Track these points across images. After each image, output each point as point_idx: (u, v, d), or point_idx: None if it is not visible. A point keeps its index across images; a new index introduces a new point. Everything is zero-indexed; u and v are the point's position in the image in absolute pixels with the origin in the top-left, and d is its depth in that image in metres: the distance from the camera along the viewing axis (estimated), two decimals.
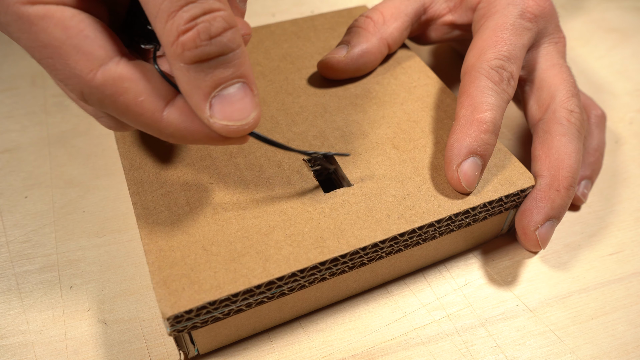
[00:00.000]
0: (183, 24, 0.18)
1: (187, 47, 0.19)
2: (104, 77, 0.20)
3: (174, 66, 0.19)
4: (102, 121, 0.24)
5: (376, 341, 0.27)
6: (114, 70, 0.20)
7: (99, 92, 0.20)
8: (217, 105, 0.20)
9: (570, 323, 0.28)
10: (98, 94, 0.20)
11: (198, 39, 0.19)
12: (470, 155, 0.26)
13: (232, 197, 0.26)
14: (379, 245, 0.25)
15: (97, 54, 0.20)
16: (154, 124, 0.21)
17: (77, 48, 0.20)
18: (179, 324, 0.22)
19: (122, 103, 0.20)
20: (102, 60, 0.20)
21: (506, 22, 0.30)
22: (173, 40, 0.19)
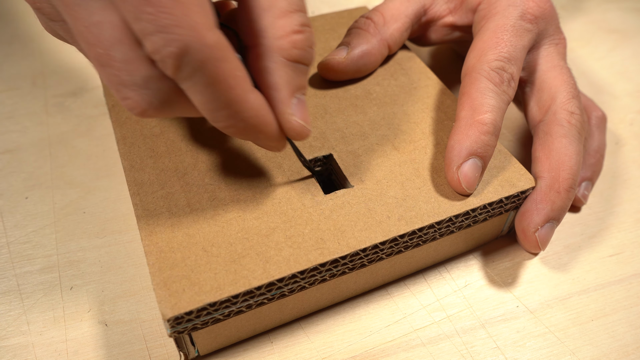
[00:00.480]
0: (297, 25, 0.21)
1: (297, 46, 0.21)
2: (217, 38, 0.19)
3: (272, 59, 0.21)
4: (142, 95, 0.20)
5: (376, 342, 0.27)
6: (221, 35, 0.19)
7: (206, 53, 0.19)
8: (297, 105, 0.22)
9: (571, 324, 0.28)
10: (204, 54, 0.19)
11: (306, 43, 0.21)
12: (471, 156, 0.26)
13: (233, 199, 0.26)
14: (379, 246, 0.25)
15: (213, 15, 0.19)
16: (239, 102, 0.20)
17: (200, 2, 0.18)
18: (179, 325, 0.22)
19: (221, 71, 0.19)
20: (215, 23, 0.19)
21: (506, 24, 0.30)
22: (283, 35, 0.21)
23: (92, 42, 0.19)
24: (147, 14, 0.18)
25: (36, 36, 0.45)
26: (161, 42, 0.18)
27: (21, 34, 0.45)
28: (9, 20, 0.46)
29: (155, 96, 0.20)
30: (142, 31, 0.18)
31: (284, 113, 0.22)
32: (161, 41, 0.18)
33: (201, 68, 0.19)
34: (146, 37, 0.18)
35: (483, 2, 0.32)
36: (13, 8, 0.48)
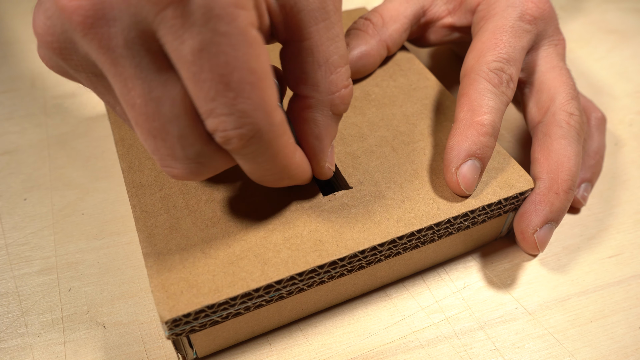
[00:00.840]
0: (345, 80, 0.22)
1: (344, 102, 0.23)
2: (281, 116, 0.20)
3: (323, 112, 0.23)
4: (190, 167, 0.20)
5: (375, 344, 0.27)
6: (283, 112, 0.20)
7: (273, 133, 0.19)
8: (330, 153, 0.25)
9: (570, 326, 0.28)
10: (271, 134, 0.19)
11: (350, 98, 0.23)
12: (469, 158, 0.26)
13: (231, 200, 0.26)
14: (378, 248, 0.25)
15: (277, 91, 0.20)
16: (289, 166, 0.22)
17: (271, 81, 0.19)
18: (178, 327, 0.22)
19: (281, 146, 0.20)
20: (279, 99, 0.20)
21: (505, 25, 0.30)
22: (335, 90, 0.22)
23: (148, 114, 0.19)
24: (225, 97, 0.18)
25: (35, 38, 0.45)
26: (233, 124, 0.18)
27: (20, 35, 0.45)
28: (8, 22, 0.46)
29: (203, 168, 0.21)
30: (213, 111, 0.18)
31: (322, 161, 0.24)
32: (233, 123, 0.18)
33: (266, 146, 0.20)
34: (217, 117, 0.18)
35: (482, 3, 0.32)
36: (11, 9, 0.48)
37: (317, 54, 0.22)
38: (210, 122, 0.19)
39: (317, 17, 0.21)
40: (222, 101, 0.18)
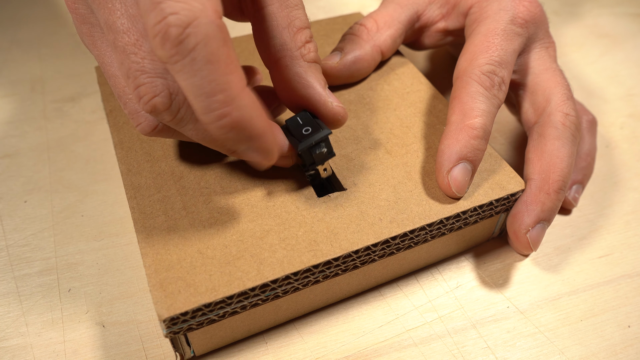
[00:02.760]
0: (309, 37, 0.26)
1: (311, 50, 0.26)
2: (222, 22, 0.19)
3: (299, 64, 0.25)
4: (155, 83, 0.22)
5: (369, 343, 0.27)
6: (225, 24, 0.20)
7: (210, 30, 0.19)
8: (331, 95, 0.26)
9: (560, 324, 0.28)
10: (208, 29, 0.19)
11: (316, 49, 0.26)
12: (461, 161, 0.27)
13: (228, 202, 0.26)
14: (372, 248, 0.25)
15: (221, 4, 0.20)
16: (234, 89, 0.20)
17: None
18: (175, 325, 0.23)
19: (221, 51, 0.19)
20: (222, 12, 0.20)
21: (497, 28, 0.30)
22: (301, 44, 0.25)
23: (123, 30, 0.22)
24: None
25: (35, 42, 0.45)
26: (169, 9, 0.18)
27: (20, 39, 0.45)
28: (8, 26, 0.47)
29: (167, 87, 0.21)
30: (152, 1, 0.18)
31: (327, 102, 0.26)
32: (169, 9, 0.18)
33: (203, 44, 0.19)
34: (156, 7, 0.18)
35: (474, 6, 0.32)
36: (12, 14, 0.48)
37: (280, 19, 0.25)
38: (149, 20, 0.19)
39: None
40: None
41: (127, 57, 0.21)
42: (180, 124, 0.23)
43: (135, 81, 0.22)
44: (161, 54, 0.19)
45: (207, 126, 0.20)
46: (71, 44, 0.45)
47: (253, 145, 0.22)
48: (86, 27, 0.24)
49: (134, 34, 0.21)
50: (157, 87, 0.21)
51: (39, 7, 0.49)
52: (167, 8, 0.18)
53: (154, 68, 0.21)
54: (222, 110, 0.20)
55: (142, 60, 0.21)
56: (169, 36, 0.18)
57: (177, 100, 0.22)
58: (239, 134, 0.21)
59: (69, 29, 0.47)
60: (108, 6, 0.22)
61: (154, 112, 0.22)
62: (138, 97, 0.22)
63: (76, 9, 0.24)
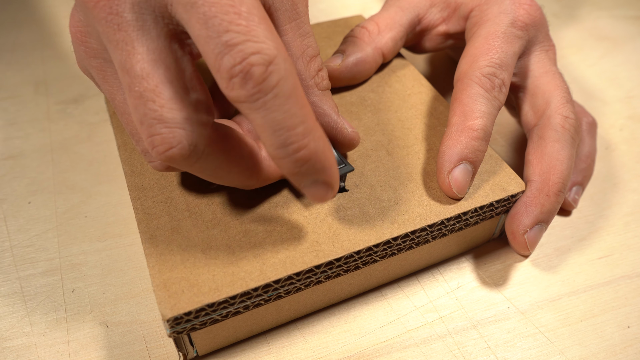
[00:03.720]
0: (321, 65, 0.27)
1: (324, 78, 0.27)
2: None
3: (314, 93, 0.26)
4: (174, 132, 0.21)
5: (370, 343, 0.27)
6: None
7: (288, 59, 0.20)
8: (344, 121, 0.27)
9: (560, 325, 0.28)
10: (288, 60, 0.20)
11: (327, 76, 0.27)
12: (461, 161, 0.27)
13: (231, 202, 0.27)
14: (373, 249, 0.26)
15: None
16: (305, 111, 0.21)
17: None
18: (179, 325, 0.23)
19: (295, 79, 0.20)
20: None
21: (498, 31, 0.31)
22: (314, 74, 0.26)
23: (143, 76, 0.20)
24: (238, 25, 0.19)
25: (38, 44, 0.45)
26: (252, 48, 0.19)
27: (23, 41, 0.46)
28: (12, 28, 0.47)
29: (187, 138, 0.21)
30: (228, 43, 0.18)
31: (343, 129, 0.27)
32: (252, 47, 0.19)
33: (284, 79, 0.19)
34: (234, 47, 0.18)
35: (475, 10, 0.33)
36: (15, 16, 0.49)
37: (293, 48, 0.25)
38: (226, 60, 0.19)
39: (290, 17, 0.25)
40: (236, 29, 0.19)
41: (144, 104, 0.20)
42: (194, 170, 0.23)
43: (150, 129, 0.21)
44: (239, 93, 0.19)
45: (281, 161, 0.20)
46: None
47: (322, 178, 0.22)
48: (97, 61, 0.23)
49: (154, 79, 0.20)
50: (174, 139, 0.21)
51: (41, 9, 0.49)
52: (248, 48, 0.18)
53: (173, 117, 0.20)
54: (300, 142, 0.20)
55: (160, 109, 0.20)
56: (252, 75, 0.19)
57: (197, 151, 0.21)
58: (313, 166, 0.21)
59: None
60: (127, 48, 0.20)
61: (167, 162, 0.21)
62: (151, 145, 0.21)
63: (86, 42, 0.23)
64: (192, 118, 0.21)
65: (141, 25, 0.20)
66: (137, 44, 0.20)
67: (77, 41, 0.23)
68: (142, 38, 0.20)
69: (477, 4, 0.32)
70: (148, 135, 0.21)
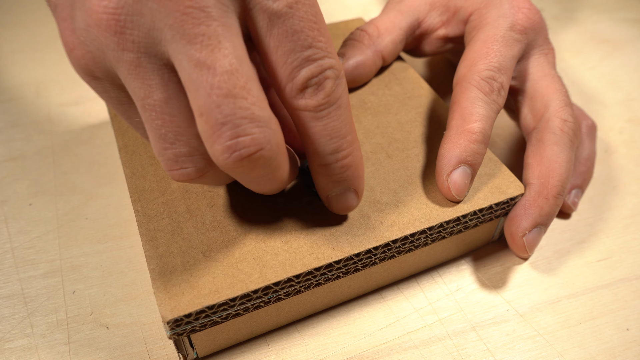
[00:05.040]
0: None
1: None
2: None
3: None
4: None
5: (370, 345, 0.27)
6: None
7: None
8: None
9: (559, 327, 0.28)
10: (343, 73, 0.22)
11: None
12: (460, 164, 0.27)
13: (231, 205, 0.27)
14: (372, 251, 0.26)
15: None
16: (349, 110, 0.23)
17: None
18: (179, 327, 0.23)
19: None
20: None
21: (497, 34, 0.31)
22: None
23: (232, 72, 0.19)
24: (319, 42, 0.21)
25: (39, 46, 0.46)
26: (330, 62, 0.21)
27: (24, 43, 0.46)
28: (13, 30, 0.47)
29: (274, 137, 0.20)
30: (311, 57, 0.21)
31: None
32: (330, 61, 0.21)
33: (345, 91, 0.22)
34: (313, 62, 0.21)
35: (474, 13, 0.33)
36: (17, 18, 0.49)
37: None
38: (304, 73, 0.20)
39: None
40: (318, 45, 0.20)
41: (234, 102, 0.19)
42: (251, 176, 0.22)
43: (237, 130, 0.19)
44: (308, 103, 0.21)
45: (328, 167, 0.23)
46: None
47: (354, 185, 0.24)
48: (134, 55, 0.19)
49: (244, 76, 0.19)
50: (265, 138, 0.20)
51: (42, 11, 0.50)
52: (326, 64, 0.21)
53: (263, 116, 0.20)
54: (348, 149, 0.23)
55: (252, 106, 0.19)
56: (324, 87, 0.21)
57: (277, 152, 0.21)
58: (352, 174, 0.24)
59: None
60: (210, 42, 0.19)
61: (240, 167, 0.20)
62: (232, 149, 0.19)
63: (125, 33, 0.19)
64: (274, 117, 0.20)
65: (225, 22, 0.19)
66: (223, 39, 0.19)
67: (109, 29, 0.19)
68: (227, 33, 0.19)
69: (477, 7, 0.33)
70: (231, 137, 0.19)
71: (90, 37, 0.20)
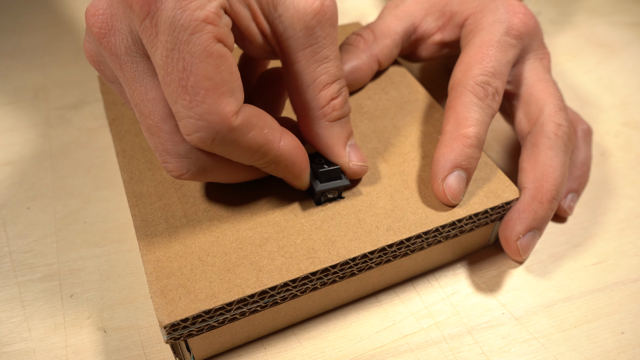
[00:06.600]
0: (335, 92, 0.25)
1: (336, 109, 0.25)
2: (242, 119, 0.22)
3: (320, 125, 0.26)
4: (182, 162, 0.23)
5: (366, 348, 0.28)
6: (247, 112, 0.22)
7: (234, 135, 0.21)
8: (352, 152, 0.27)
9: (554, 331, 0.29)
10: (232, 136, 0.21)
11: (342, 103, 0.26)
12: (455, 169, 0.27)
13: (228, 210, 0.27)
14: (368, 256, 0.26)
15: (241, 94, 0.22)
16: (273, 151, 0.23)
17: (230, 90, 0.21)
18: (176, 332, 0.23)
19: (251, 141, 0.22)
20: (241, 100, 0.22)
21: (492, 39, 0.31)
22: (324, 104, 0.25)
23: (146, 114, 0.22)
24: (183, 100, 0.20)
25: (38, 50, 0.46)
26: (193, 127, 0.21)
27: (23, 47, 0.46)
28: (12, 34, 0.47)
29: (194, 164, 0.23)
30: (177, 114, 0.21)
31: (344, 164, 0.27)
32: (193, 126, 0.21)
33: (233, 145, 0.22)
34: (181, 120, 0.21)
35: (470, 18, 0.33)
36: (16, 22, 0.49)
37: (304, 76, 0.24)
38: (180, 125, 0.21)
39: (303, 44, 0.23)
40: (181, 103, 0.20)
41: (151, 137, 0.23)
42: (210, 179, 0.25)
43: (162, 158, 0.23)
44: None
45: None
46: (74, 52, 0.46)
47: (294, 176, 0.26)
48: (114, 85, 0.25)
49: (155, 117, 0.22)
50: (182, 167, 0.23)
51: (41, 15, 0.50)
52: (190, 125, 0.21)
53: (176, 150, 0.23)
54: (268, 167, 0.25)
55: (165, 143, 0.23)
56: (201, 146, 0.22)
57: (207, 170, 0.24)
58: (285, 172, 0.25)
59: (72, 36, 0.47)
60: (129, 86, 0.22)
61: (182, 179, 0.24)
62: (166, 170, 0.23)
63: (101, 70, 0.24)
64: (193, 149, 0.23)
65: (136, 67, 0.22)
66: (135, 83, 0.22)
67: (94, 66, 0.24)
68: (139, 77, 0.22)
69: (472, 12, 0.33)
70: (161, 162, 0.23)
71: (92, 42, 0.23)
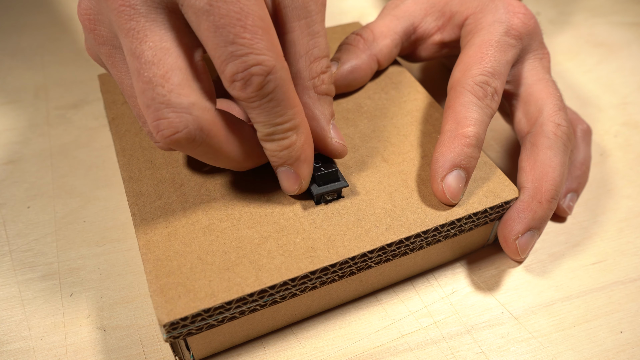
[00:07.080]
0: (325, 67, 0.26)
1: (324, 82, 0.26)
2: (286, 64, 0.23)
3: (308, 95, 0.26)
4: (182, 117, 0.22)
5: (365, 347, 0.28)
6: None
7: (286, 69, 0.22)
8: (333, 130, 0.27)
9: (553, 330, 0.29)
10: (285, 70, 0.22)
11: (330, 80, 0.27)
12: (454, 168, 0.27)
13: (227, 209, 0.27)
14: (368, 255, 0.26)
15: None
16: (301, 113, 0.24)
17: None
18: (175, 330, 0.23)
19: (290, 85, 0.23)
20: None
21: (491, 39, 0.31)
22: (315, 75, 0.26)
23: (154, 62, 0.22)
24: (243, 38, 0.21)
25: (38, 49, 0.46)
26: (254, 60, 0.21)
27: (23, 47, 0.46)
28: (12, 33, 0.48)
29: (192, 123, 0.22)
30: (233, 54, 0.21)
31: (326, 138, 0.27)
32: (254, 59, 0.21)
33: (280, 87, 0.22)
34: (237, 59, 0.21)
35: (469, 18, 0.33)
36: (16, 21, 0.49)
37: (298, 46, 0.25)
38: (230, 68, 0.21)
39: (299, 15, 0.25)
40: (241, 42, 0.21)
41: (152, 88, 0.22)
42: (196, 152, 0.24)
43: (157, 113, 0.22)
44: (239, 94, 0.22)
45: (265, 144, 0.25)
46: (74, 51, 0.46)
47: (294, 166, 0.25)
48: (106, 48, 0.24)
49: (164, 66, 0.22)
50: (181, 123, 0.22)
51: (41, 15, 0.50)
52: (250, 60, 0.21)
53: (180, 102, 0.22)
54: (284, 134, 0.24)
55: (168, 94, 0.22)
56: (252, 83, 0.21)
57: (202, 135, 0.23)
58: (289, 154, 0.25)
59: (72, 36, 0.47)
60: (138, 36, 0.22)
61: (172, 145, 0.23)
62: (156, 129, 0.22)
63: (96, 29, 0.24)
64: (198, 104, 0.22)
65: (153, 17, 0.22)
66: (149, 32, 0.22)
67: (86, 28, 0.24)
68: (154, 27, 0.22)
69: (472, 12, 0.33)
70: (154, 119, 0.22)
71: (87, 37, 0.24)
